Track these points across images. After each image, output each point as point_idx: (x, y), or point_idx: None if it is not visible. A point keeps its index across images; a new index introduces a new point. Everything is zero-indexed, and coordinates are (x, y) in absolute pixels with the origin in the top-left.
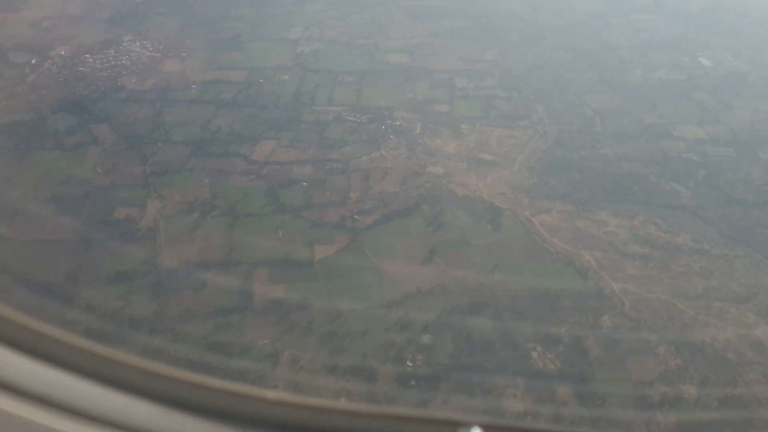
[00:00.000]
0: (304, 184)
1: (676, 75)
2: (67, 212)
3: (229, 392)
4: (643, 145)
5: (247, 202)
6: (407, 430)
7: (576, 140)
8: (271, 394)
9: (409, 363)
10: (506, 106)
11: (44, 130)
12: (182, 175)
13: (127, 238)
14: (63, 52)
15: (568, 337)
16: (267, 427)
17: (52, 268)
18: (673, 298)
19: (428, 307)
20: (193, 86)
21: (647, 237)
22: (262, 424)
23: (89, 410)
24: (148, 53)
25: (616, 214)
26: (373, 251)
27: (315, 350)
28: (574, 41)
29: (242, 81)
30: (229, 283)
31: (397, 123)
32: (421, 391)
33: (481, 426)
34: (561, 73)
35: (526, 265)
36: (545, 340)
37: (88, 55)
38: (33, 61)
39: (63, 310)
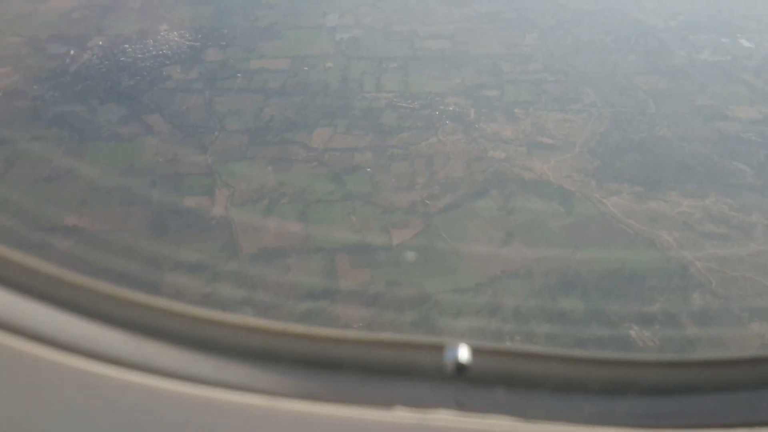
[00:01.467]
0: (368, 170)
1: (719, 56)
2: (136, 201)
3: (208, 320)
4: (700, 126)
5: (314, 189)
6: (394, 355)
7: (632, 122)
8: (251, 321)
9: (509, 345)
10: (556, 89)
11: (96, 120)
12: (244, 163)
13: (201, 226)
14: (100, 43)
15: (661, 315)
16: (248, 354)
17: (131, 256)
18: (757, 276)
19: (516, 288)
20: (239, 75)
21: (721, 216)
22: (242, 351)
23: (56, 338)
24: (187, 43)
25: (686, 195)
26: (449, 235)
27: (410, 333)
28: (611, 24)
29: (286, 69)
30: (312, 269)
31: (450, 108)
32: None
33: (470, 347)
34: (604, 55)
35: (606, 246)
36: (640, 319)
37: (126, 45)
38: (71, 52)
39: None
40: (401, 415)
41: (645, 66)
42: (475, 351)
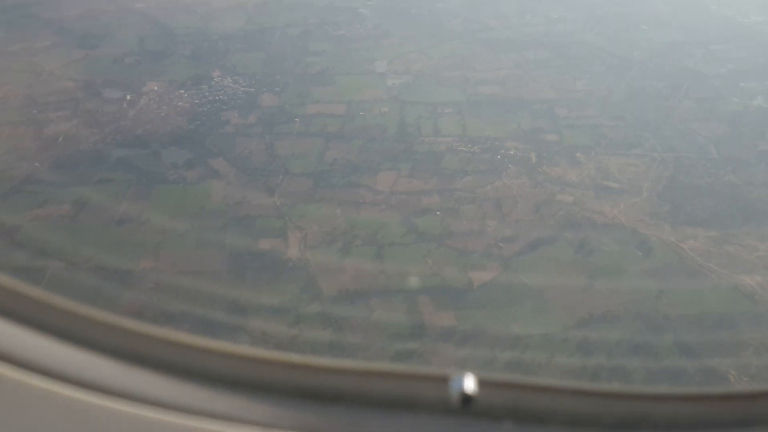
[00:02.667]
0: (438, 213)
1: None
2: (210, 244)
3: (201, 348)
4: (765, 170)
5: (386, 231)
6: (396, 387)
7: (696, 167)
8: (246, 351)
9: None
10: (614, 134)
11: (160, 163)
12: (313, 206)
13: (278, 268)
14: (155, 88)
15: (756, 359)
16: (242, 384)
17: (212, 299)
18: None
19: (605, 331)
20: (296, 119)
21: None
22: (236, 381)
23: (44, 365)
24: (242, 88)
25: (762, 239)
26: (529, 278)
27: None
28: (661, 71)
29: (342, 114)
30: (395, 311)
31: (511, 152)
32: None
33: (476, 378)
34: (659, 101)
35: (690, 290)
36: (736, 364)
37: (182, 91)
38: (128, 97)
39: (236, 339)
40: None
41: (701, 112)
42: (482, 383)
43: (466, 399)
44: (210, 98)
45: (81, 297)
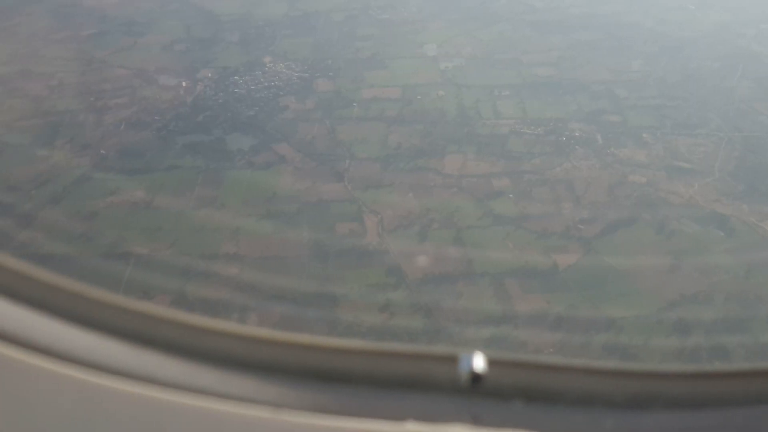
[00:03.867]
0: (511, 196)
1: None
2: (288, 228)
3: (211, 330)
4: None
5: (462, 214)
6: (405, 367)
7: (765, 147)
8: (256, 331)
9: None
10: (678, 114)
11: (226, 149)
12: (384, 190)
13: (360, 252)
14: (209, 75)
15: None
16: (253, 365)
17: (298, 283)
18: None
19: (699, 312)
20: (355, 104)
21: None
22: (246, 362)
23: (55, 347)
24: (296, 74)
25: None
26: (614, 260)
27: (603, 360)
28: (715, 51)
29: (399, 98)
30: (483, 294)
31: (576, 134)
32: None
33: (486, 357)
34: (716, 81)
35: None
36: None
37: (237, 77)
38: (184, 84)
39: (331, 324)
40: (413, 429)
41: (761, 92)
42: (492, 362)
43: (476, 378)
44: (265, 84)
45: (166, 284)
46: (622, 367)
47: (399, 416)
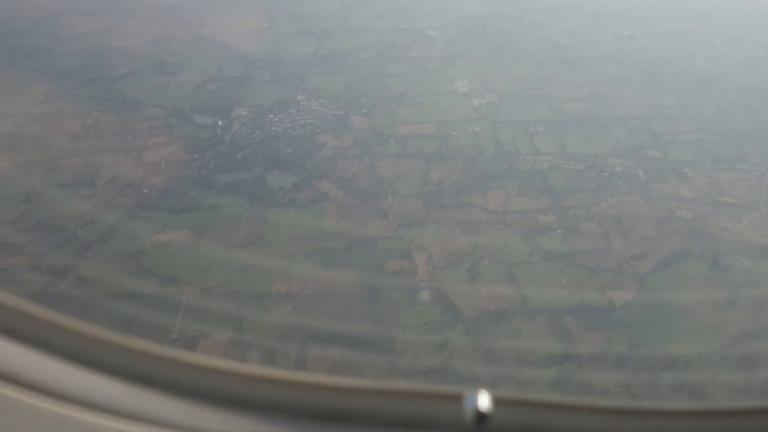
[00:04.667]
0: (558, 231)
1: None
2: (337, 266)
3: (211, 369)
4: None
5: (511, 251)
6: (410, 406)
7: None
8: (256, 370)
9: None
10: (717, 149)
11: (268, 187)
12: (430, 226)
13: (412, 288)
14: (244, 113)
15: None
16: (253, 404)
17: (353, 321)
18: None
19: (764, 347)
20: (392, 141)
21: None
22: (246, 401)
23: (52, 386)
24: (330, 111)
25: None
26: (670, 296)
27: (671, 398)
28: (747, 85)
29: (435, 134)
30: (542, 332)
31: (617, 169)
32: None
33: (491, 396)
34: (752, 115)
35: None
36: None
37: (272, 115)
38: (220, 122)
39: (390, 364)
40: None
41: None
42: (497, 401)
43: (481, 417)
44: (301, 122)
45: (220, 323)
46: (626, 406)
47: None
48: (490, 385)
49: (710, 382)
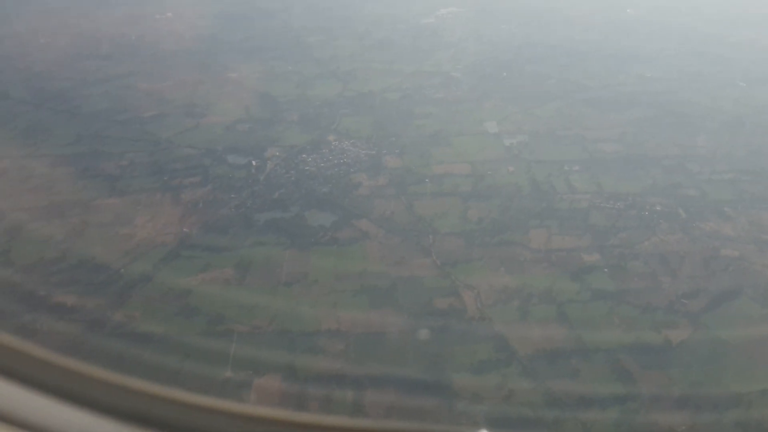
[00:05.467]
0: (605, 270)
1: None
2: (385, 304)
3: (209, 409)
4: None
5: (559, 289)
6: None
7: None
8: (254, 409)
9: None
10: (754, 188)
11: (307, 225)
12: (474, 264)
13: (463, 327)
14: (277, 153)
15: None
16: None
17: (406, 360)
18: None
19: None
20: (427, 180)
21: None
22: None
23: (49, 427)
24: (363, 151)
25: None
26: (725, 334)
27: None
28: None
29: (470, 173)
30: (601, 372)
31: (657, 208)
32: None
33: None
34: None
35: None
36: None
37: (304, 155)
38: (254, 162)
39: (448, 404)
40: None
41: None
42: None
43: None
44: (334, 161)
45: (273, 362)
46: None
47: None
48: (553, 428)
49: None
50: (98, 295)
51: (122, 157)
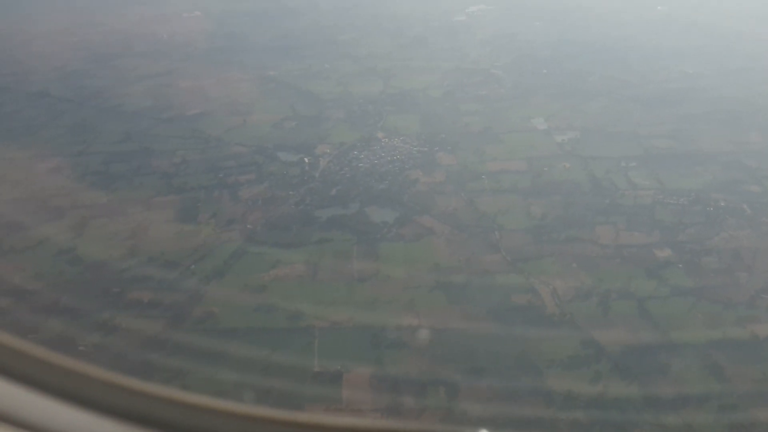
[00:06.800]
0: (680, 266)
1: None
2: (462, 299)
3: (207, 409)
4: None
5: (636, 284)
6: None
7: None
8: (254, 410)
9: None
10: None
11: (370, 222)
12: (544, 261)
13: (545, 322)
14: (328, 150)
15: None
16: None
17: (496, 355)
18: None
19: None
20: (483, 177)
21: None
22: None
23: (48, 427)
24: (414, 148)
25: None
26: None
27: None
28: None
29: (526, 170)
30: (693, 367)
31: (722, 204)
32: None
33: None
34: None
35: None
36: None
37: (356, 152)
38: (306, 159)
39: (544, 395)
40: None
41: None
42: None
43: None
44: (387, 158)
45: (359, 356)
46: None
47: None
48: (656, 425)
49: None
50: (173, 292)
51: (174, 155)
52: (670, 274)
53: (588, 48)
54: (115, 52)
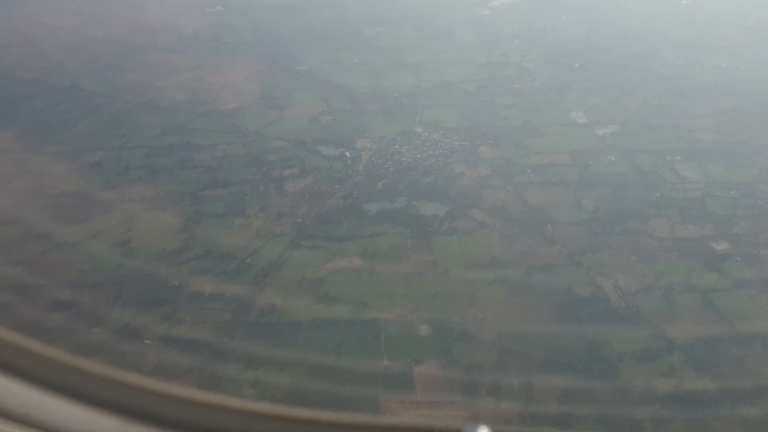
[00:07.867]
0: (738, 259)
1: None
2: (524, 293)
3: (207, 404)
4: None
5: (698, 277)
6: None
7: None
8: (255, 406)
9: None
10: None
11: (421, 215)
12: (602, 254)
13: (611, 316)
14: (368, 144)
15: None
16: None
17: (566, 348)
18: None
19: None
20: (528, 170)
21: None
22: None
23: (47, 423)
24: (456, 142)
25: None
26: None
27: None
28: None
29: (571, 163)
30: (764, 358)
31: None
32: None
33: None
34: None
35: None
36: None
37: (396, 146)
38: (348, 153)
39: (618, 388)
40: None
41: None
42: None
43: None
44: (429, 152)
45: (427, 348)
46: None
47: None
48: (736, 416)
49: None
50: (234, 284)
51: (215, 149)
52: (731, 266)
53: (620, 41)
54: (142, 45)
